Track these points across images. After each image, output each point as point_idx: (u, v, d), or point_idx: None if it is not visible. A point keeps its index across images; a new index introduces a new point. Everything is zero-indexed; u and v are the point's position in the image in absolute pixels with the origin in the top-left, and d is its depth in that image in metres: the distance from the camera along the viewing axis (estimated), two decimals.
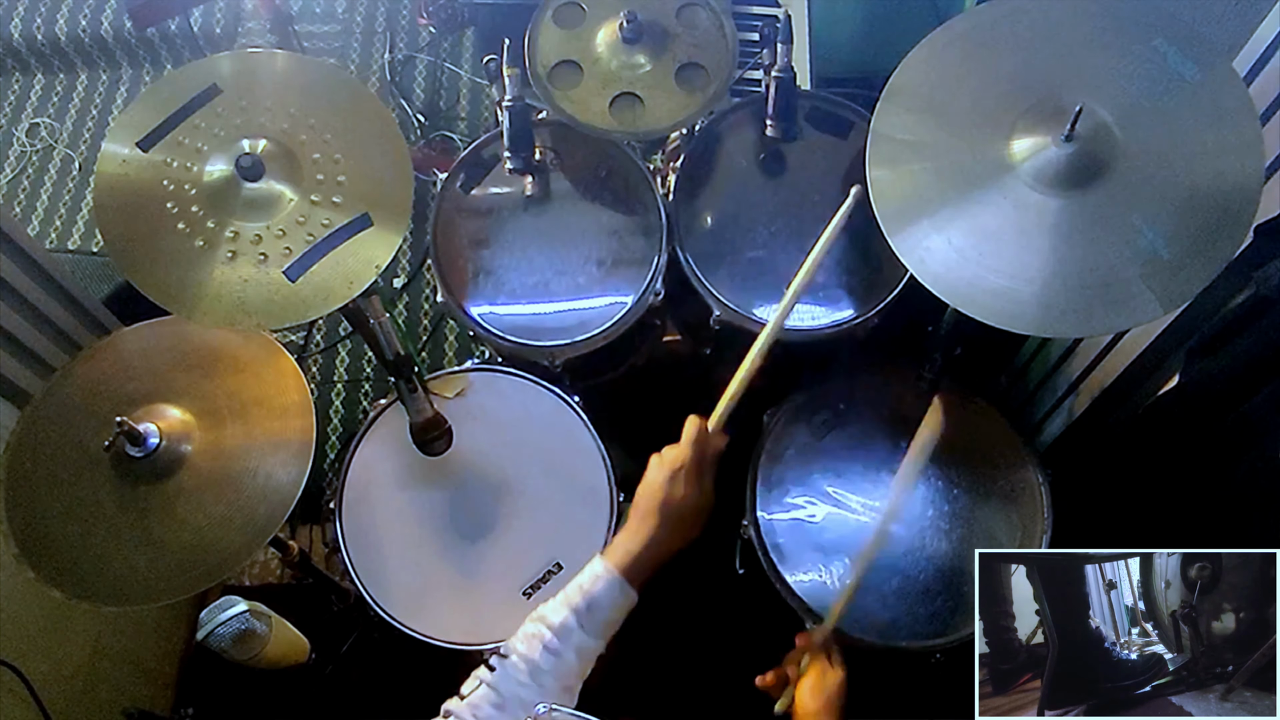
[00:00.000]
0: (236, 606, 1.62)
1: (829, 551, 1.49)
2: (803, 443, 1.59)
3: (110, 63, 3.17)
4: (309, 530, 2.15)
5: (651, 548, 1.04)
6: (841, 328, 1.54)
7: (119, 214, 1.19)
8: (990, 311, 1.09)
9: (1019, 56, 1.17)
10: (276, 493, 1.32)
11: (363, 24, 3.18)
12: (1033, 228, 1.09)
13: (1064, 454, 1.72)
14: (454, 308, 1.59)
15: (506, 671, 0.97)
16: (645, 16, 1.54)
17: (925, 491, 1.54)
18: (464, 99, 2.97)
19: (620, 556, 1.04)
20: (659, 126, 1.54)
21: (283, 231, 1.18)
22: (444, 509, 1.51)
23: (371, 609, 1.43)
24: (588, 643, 1.00)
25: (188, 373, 1.41)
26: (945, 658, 1.42)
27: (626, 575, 1.03)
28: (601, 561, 1.04)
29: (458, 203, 1.65)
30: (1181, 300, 1.08)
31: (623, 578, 1.02)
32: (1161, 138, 1.09)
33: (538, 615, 1.02)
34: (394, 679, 1.89)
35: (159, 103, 1.23)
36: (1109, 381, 1.58)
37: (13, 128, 3.07)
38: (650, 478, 1.08)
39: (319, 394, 2.51)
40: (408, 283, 2.65)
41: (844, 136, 1.63)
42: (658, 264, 1.57)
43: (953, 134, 1.15)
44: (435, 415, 1.49)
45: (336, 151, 1.22)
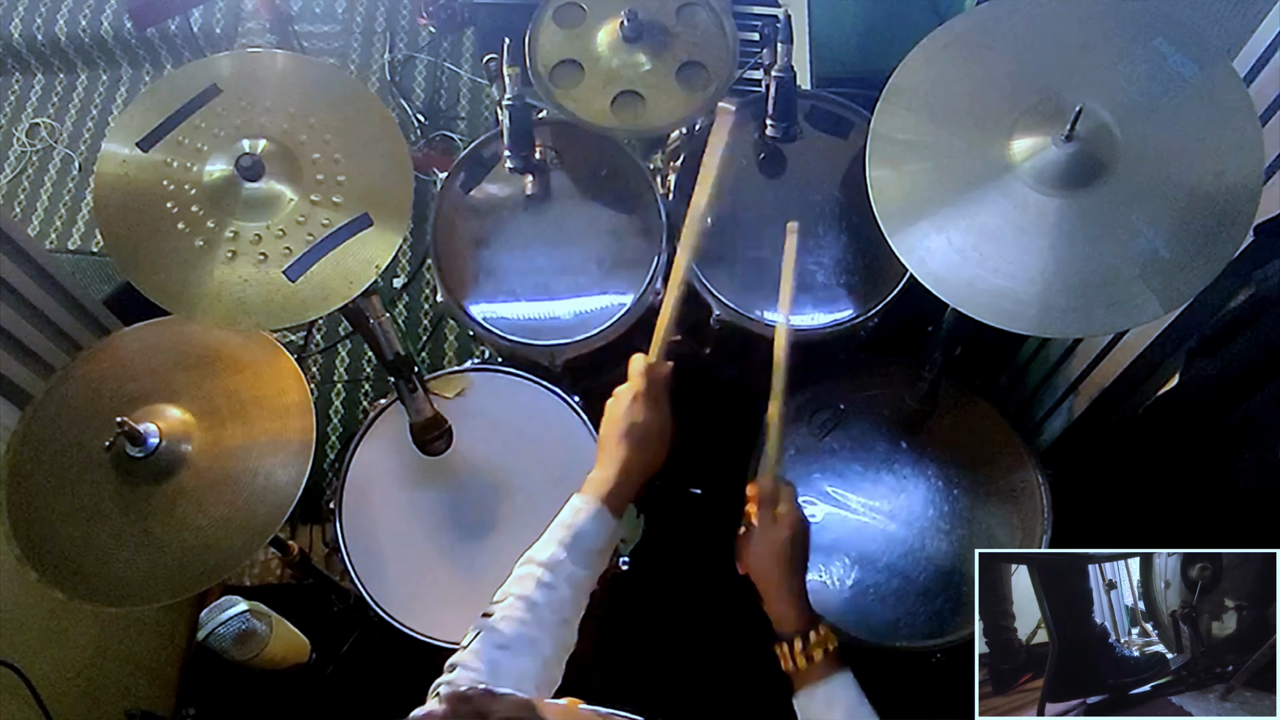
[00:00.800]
0: (237, 606, 1.62)
1: (829, 551, 1.50)
2: (803, 443, 1.59)
3: (110, 63, 3.17)
4: (309, 530, 2.14)
5: (624, 473, 1.07)
6: (841, 328, 1.54)
7: (119, 214, 1.19)
8: (990, 311, 1.09)
9: (1019, 56, 1.17)
10: (276, 493, 1.32)
11: (363, 24, 3.17)
12: (1033, 228, 1.09)
13: (1064, 454, 1.72)
14: (454, 307, 1.59)
15: (504, 613, 0.98)
16: (645, 15, 1.54)
17: (925, 491, 1.54)
18: (464, 99, 2.97)
19: (596, 487, 1.07)
20: (660, 125, 1.54)
21: (283, 231, 1.19)
22: (444, 509, 1.51)
23: (371, 609, 1.43)
24: (578, 573, 1.02)
25: (188, 373, 1.41)
26: (945, 658, 1.43)
27: (606, 503, 1.05)
28: (579, 496, 1.07)
29: (458, 202, 1.65)
30: (1181, 300, 1.08)
31: (603, 505, 1.05)
32: (1161, 138, 1.09)
33: (525, 558, 1.03)
34: (394, 679, 1.89)
35: (159, 103, 1.23)
36: (1109, 381, 1.58)
37: (13, 128, 3.07)
38: (609, 414, 1.12)
39: (319, 394, 2.51)
40: (408, 283, 2.65)
41: (844, 136, 1.63)
42: (658, 264, 1.57)
43: (953, 134, 1.15)
44: (435, 415, 1.49)
45: (336, 151, 1.22)
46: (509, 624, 0.97)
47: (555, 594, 1.00)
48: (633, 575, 1.56)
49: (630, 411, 1.10)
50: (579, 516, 1.05)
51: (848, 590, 1.46)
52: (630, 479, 1.07)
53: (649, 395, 1.11)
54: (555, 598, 1.00)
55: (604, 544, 1.05)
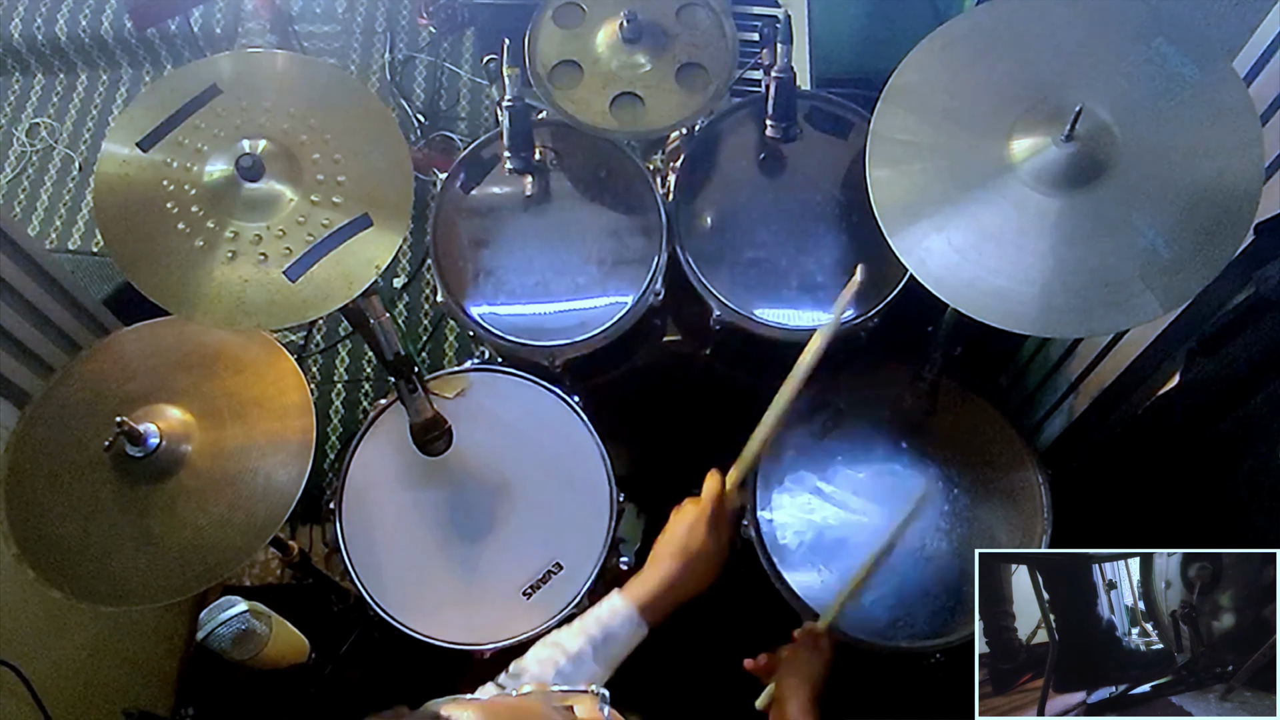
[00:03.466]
0: (236, 606, 1.62)
1: (829, 551, 1.49)
2: (803, 443, 1.59)
3: (110, 63, 3.17)
4: (309, 530, 2.14)
5: (668, 590, 1.09)
6: (842, 328, 1.54)
7: (119, 214, 1.19)
8: (990, 311, 1.09)
9: (1019, 56, 1.17)
10: (276, 493, 1.32)
11: (363, 24, 3.17)
12: (1033, 228, 1.09)
13: (1064, 454, 1.72)
14: (454, 308, 1.59)
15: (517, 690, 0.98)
16: (645, 16, 1.54)
17: (925, 491, 1.54)
18: (464, 99, 2.97)
19: (639, 594, 1.08)
20: (660, 126, 1.54)
21: (283, 231, 1.18)
22: (444, 509, 1.51)
23: (371, 609, 1.43)
24: (598, 673, 1.04)
25: (188, 373, 1.41)
26: (945, 658, 1.42)
27: (643, 613, 1.07)
28: (621, 597, 1.09)
29: (458, 203, 1.65)
30: (1181, 300, 1.08)
31: (640, 615, 1.07)
32: (1161, 138, 1.09)
33: (553, 641, 1.05)
34: (394, 679, 1.89)
35: (159, 103, 1.23)
36: (1109, 381, 1.58)
37: (13, 128, 3.07)
38: (671, 526, 1.14)
39: (319, 394, 2.51)
40: (408, 283, 2.65)
41: (844, 136, 1.63)
42: (658, 264, 1.57)
43: (953, 134, 1.15)
44: (435, 415, 1.49)
45: (336, 151, 1.22)
46: None
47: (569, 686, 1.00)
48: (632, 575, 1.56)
49: (690, 533, 1.12)
50: (615, 619, 1.06)
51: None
52: (672, 597, 1.09)
53: (713, 521, 1.13)
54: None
55: (628, 650, 1.07)
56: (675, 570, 1.09)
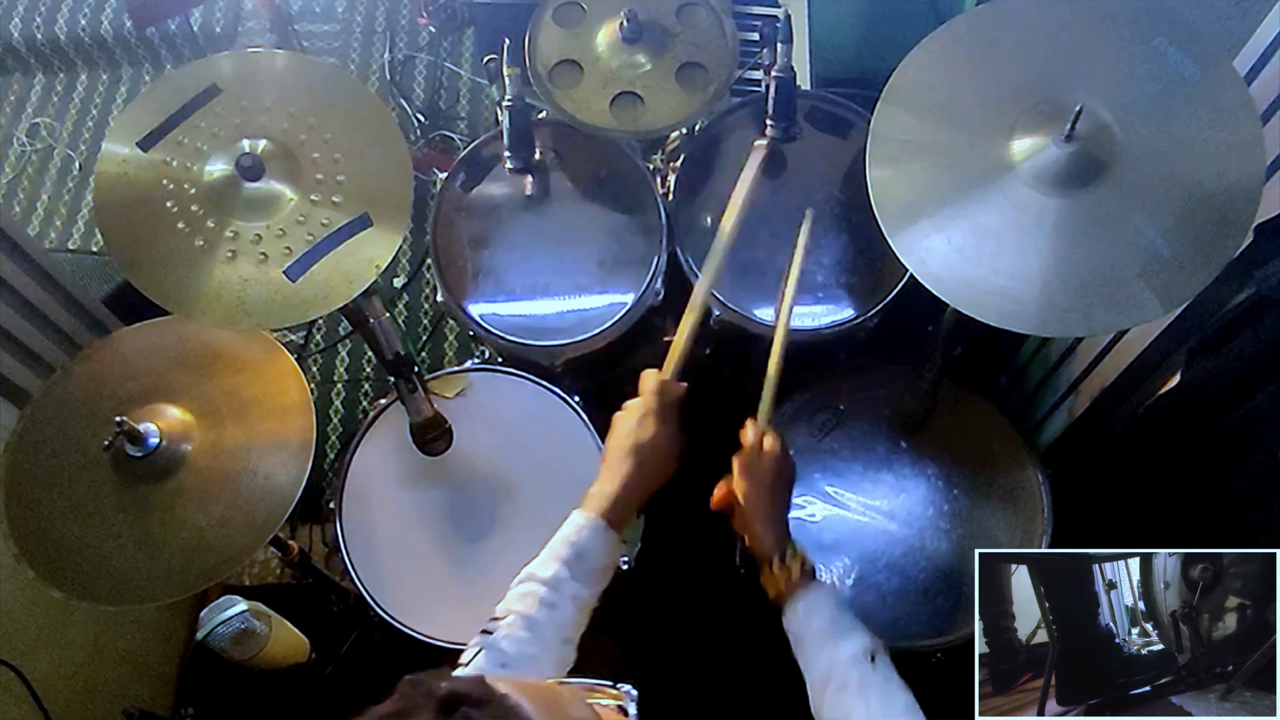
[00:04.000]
0: (236, 606, 1.62)
1: (829, 551, 1.49)
2: (803, 443, 1.59)
3: (110, 63, 3.17)
4: (309, 530, 2.14)
5: (627, 490, 1.06)
6: (841, 328, 1.54)
7: (119, 214, 1.19)
8: (990, 311, 1.09)
9: (1019, 56, 1.17)
10: (276, 493, 1.32)
11: (363, 24, 3.17)
12: (1033, 228, 1.09)
13: (1064, 454, 1.72)
14: (454, 308, 1.59)
15: (506, 631, 0.97)
16: (645, 16, 1.54)
17: (925, 491, 1.54)
18: (464, 99, 2.97)
19: (598, 503, 1.06)
20: (660, 126, 1.54)
21: (283, 231, 1.18)
22: (444, 509, 1.51)
23: (371, 609, 1.43)
24: (581, 591, 1.01)
25: (188, 373, 1.41)
26: (945, 658, 1.42)
27: (607, 519, 1.04)
28: (580, 512, 1.06)
29: (458, 203, 1.65)
30: (1181, 300, 1.08)
31: (604, 521, 1.04)
32: (1162, 137, 1.09)
33: (525, 574, 1.02)
34: (394, 679, 1.89)
35: (159, 103, 1.23)
36: (1109, 381, 1.57)
37: (13, 128, 3.06)
38: (617, 428, 1.12)
39: (319, 394, 2.51)
40: (408, 283, 2.65)
41: (844, 136, 1.63)
42: (658, 264, 1.57)
43: (953, 134, 1.15)
44: (435, 415, 1.49)
45: (336, 151, 1.22)
46: (511, 642, 0.96)
47: (558, 613, 0.99)
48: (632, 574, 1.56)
49: (639, 427, 1.10)
50: (581, 533, 1.03)
51: (848, 590, 1.46)
52: (632, 495, 1.07)
53: (659, 412, 1.11)
54: (558, 616, 0.99)
55: (606, 561, 1.04)
56: (630, 468, 1.07)
